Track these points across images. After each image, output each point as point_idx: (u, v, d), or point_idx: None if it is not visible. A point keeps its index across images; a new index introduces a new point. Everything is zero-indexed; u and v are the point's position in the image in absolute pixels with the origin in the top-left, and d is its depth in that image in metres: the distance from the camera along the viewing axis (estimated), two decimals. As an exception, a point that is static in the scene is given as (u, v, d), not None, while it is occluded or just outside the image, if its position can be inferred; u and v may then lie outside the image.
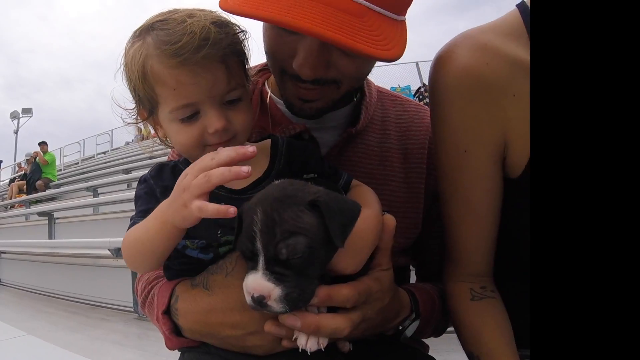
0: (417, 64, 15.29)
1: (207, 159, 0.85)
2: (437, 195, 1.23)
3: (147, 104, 1.03)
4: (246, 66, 1.08)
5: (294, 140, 1.13)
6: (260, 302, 0.82)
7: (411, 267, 1.45)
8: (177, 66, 0.93)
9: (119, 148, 21.33)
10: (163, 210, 0.89)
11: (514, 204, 1.13)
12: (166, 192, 0.97)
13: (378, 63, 1.16)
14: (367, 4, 0.94)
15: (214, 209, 0.80)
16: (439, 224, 1.23)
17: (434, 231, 1.31)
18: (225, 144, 0.99)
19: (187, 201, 0.82)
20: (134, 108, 1.08)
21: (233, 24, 1.04)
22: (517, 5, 1.09)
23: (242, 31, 1.05)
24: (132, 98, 1.06)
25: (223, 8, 0.95)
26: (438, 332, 1.32)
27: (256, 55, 1.11)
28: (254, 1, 0.92)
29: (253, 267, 0.84)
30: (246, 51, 1.07)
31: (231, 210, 0.79)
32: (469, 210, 1.13)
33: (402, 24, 1.03)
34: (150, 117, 1.06)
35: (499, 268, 1.20)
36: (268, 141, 1.11)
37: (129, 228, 0.99)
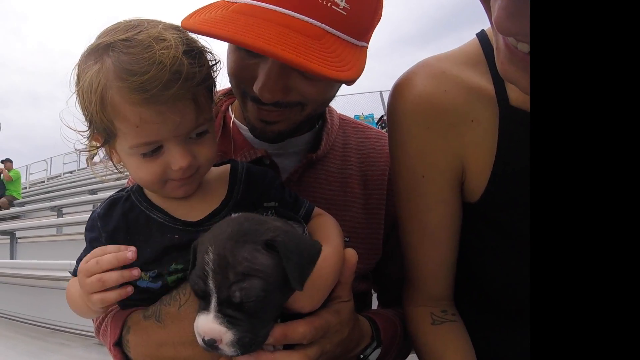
0: (380, 93, 15.79)
1: (92, 263, 0.88)
2: (397, 221, 1.23)
3: (103, 132, 0.94)
4: (214, 94, 1.04)
5: (253, 166, 1.10)
6: (211, 345, 0.80)
7: (372, 292, 1.44)
8: (141, 103, 0.84)
9: (86, 168, 20.95)
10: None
11: (473, 229, 1.13)
12: (113, 236, 0.96)
13: (342, 91, 1.17)
14: (325, 27, 0.96)
15: (115, 296, 0.88)
16: (399, 249, 1.23)
17: (394, 256, 1.31)
18: (188, 178, 0.96)
19: (87, 299, 0.89)
20: (87, 131, 0.98)
21: (207, 52, 0.98)
22: (476, 35, 1.11)
23: (217, 62, 1.00)
24: (84, 119, 0.96)
25: (185, 27, 0.94)
26: (401, 357, 1.31)
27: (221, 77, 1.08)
28: (213, 21, 0.93)
29: (205, 307, 0.81)
30: (214, 78, 1.02)
31: (129, 255, 0.86)
32: (426, 235, 1.13)
33: (362, 49, 1.05)
34: (105, 145, 0.98)
35: (458, 292, 1.20)
36: (227, 166, 1.08)
37: (72, 273, 0.99)
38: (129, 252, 0.85)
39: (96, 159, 1.08)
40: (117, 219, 0.98)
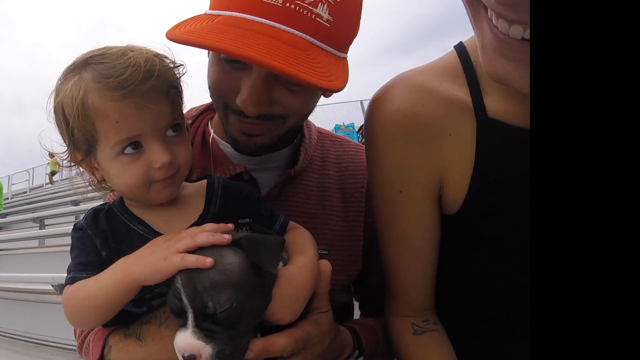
0: (361, 102, 15.82)
1: (188, 238, 0.87)
2: (376, 233, 1.24)
3: (83, 144, 0.95)
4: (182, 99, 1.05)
5: (229, 181, 1.12)
6: None
7: (354, 302, 1.46)
8: (120, 99, 0.89)
9: (68, 178, 20.69)
10: (126, 265, 0.88)
11: (452, 239, 1.15)
12: (106, 241, 0.96)
13: (323, 100, 1.19)
14: (311, 39, 0.97)
15: (193, 259, 0.83)
16: (379, 260, 1.24)
17: (375, 267, 1.32)
18: (170, 179, 0.97)
19: (170, 255, 0.84)
20: (65, 151, 1.00)
21: (164, 56, 1.00)
22: (454, 47, 1.12)
23: (181, 64, 1.02)
24: (62, 141, 0.99)
25: (170, 38, 0.95)
26: (384, 366, 1.32)
27: (198, 93, 1.11)
28: (200, 32, 0.95)
29: (183, 325, 0.82)
30: (181, 83, 1.04)
31: (208, 260, 0.82)
32: (405, 248, 1.14)
33: (344, 60, 1.07)
34: (86, 159, 0.99)
35: (441, 300, 1.21)
36: (204, 182, 1.10)
37: (68, 282, 0.95)
38: (227, 236, 0.87)
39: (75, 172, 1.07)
40: (104, 226, 0.99)
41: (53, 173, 21.86)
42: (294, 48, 0.94)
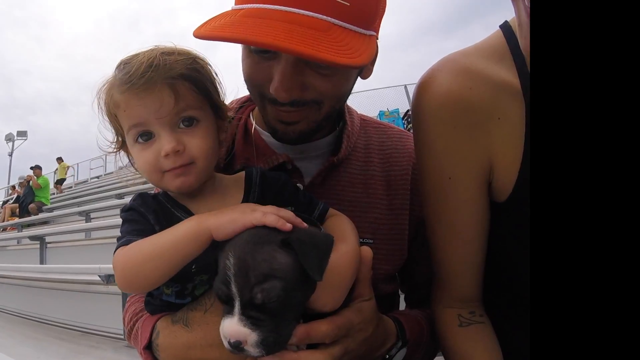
0: (405, 86, 15.34)
1: (259, 212, 0.90)
2: (422, 221, 1.22)
3: (119, 133, 1.07)
4: (210, 91, 1.07)
5: (267, 171, 1.14)
6: (237, 346, 0.82)
7: (400, 293, 1.44)
8: (126, 91, 0.99)
9: (112, 172, 21.28)
10: (201, 217, 0.92)
11: (502, 228, 1.12)
12: (158, 218, 0.99)
13: (366, 86, 1.19)
14: (331, 19, 0.98)
15: (275, 219, 0.87)
16: (425, 249, 1.22)
17: (421, 256, 1.30)
18: (183, 169, 0.99)
19: (249, 212, 0.89)
20: (114, 139, 1.11)
21: (184, 52, 1.05)
22: (500, 26, 1.09)
23: (191, 57, 1.05)
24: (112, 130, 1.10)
25: (196, 36, 0.99)
26: (428, 358, 1.30)
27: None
28: (222, 27, 0.98)
29: (229, 311, 0.84)
30: (203, 77, 1.06)
31: (288, 225, 0.87)
32: (454, 236, 1.12)
33: (371, 38, 1.06)
34: (124, 146, 1.09)
35: (489, 292, 1.18)
36: (242, 173, 1.12)
37: (122, 244, 0.95)
38: (289, 225, 0.89)
39: (120, 164, 1.16)
40: (154, 206, 1.03)
41: (60, 181, 20.20)
42: (313, 30, 0.96)
